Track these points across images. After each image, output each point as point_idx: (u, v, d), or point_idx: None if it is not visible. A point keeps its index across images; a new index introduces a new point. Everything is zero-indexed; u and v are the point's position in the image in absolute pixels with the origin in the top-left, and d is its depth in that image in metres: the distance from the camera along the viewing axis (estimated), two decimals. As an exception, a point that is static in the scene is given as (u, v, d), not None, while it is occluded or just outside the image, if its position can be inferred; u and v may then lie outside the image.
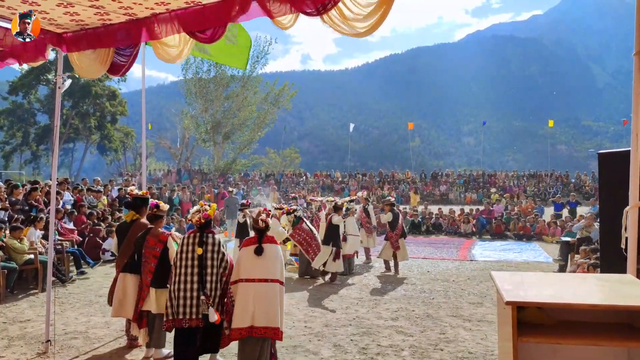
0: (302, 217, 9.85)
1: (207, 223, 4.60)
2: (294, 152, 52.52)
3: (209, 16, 4.29)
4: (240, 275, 4.48)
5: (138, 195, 5.51)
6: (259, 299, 4.37)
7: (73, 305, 7.30)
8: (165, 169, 33.61)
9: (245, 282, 4.45)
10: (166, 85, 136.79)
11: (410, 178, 32.53)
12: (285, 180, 32.89)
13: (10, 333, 5.86)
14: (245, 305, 4.36)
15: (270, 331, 4.36)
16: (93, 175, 36.85)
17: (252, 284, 4.42)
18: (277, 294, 4.43)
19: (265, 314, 4.35)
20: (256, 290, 4.40)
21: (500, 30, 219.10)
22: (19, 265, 7.89)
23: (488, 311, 7.14)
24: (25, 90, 36.51)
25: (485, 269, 10.67)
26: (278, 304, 4.42)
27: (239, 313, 4.37)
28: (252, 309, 4.35)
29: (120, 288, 5.26)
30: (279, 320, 4.40)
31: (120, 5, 4.29)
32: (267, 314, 4.35)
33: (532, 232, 16.18)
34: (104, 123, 39.13)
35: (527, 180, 30.85)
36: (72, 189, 13.62)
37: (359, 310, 7.14)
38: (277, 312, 4.40)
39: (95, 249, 11.09)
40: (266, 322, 4.35)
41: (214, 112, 33.18)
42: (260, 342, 4.41)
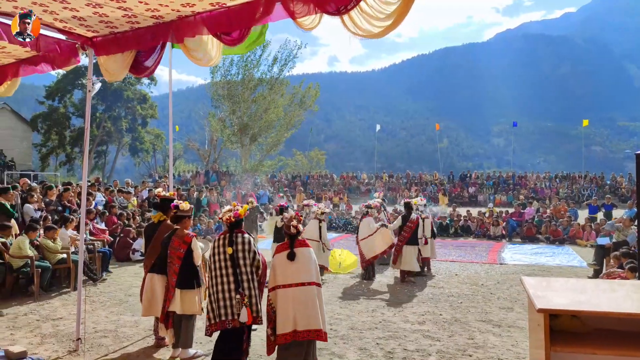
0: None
1: (237, 222, 4.62)
2: (320, 153, 52.51)
3: (234, 18, 4.32)
4: (277, 282, 4.54)
5: (165, 197, 5.58)
6: (297, 303, 4.42)
7: (104, 303, 7.45)
8: (194, 171, 34.08)
9: (282, 288, 4.50)
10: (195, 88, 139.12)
11: (438, 180, 32.09)
12: (312, 181, 32.93)
13: (43, 330, 6.02)
14: (286, 311, 4.42)
15: (314, 333, 4.41)
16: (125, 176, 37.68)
17: (290, 289, 4.46)
18: (315, 296, 4.47)
19: (306, 318, 4.40)
20: (294, 295, 4.44)
21: (530, 29, 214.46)
22: (53, 264, 8.10)
23: (519, 316, 6.94)
24: (61, 95, 37.74)
25: (516, 273, 10.39)
26: (318, 306, 4.46)
27: (281, 319, 4.43)
28: (293, 314, 4.40)
29: (148, 288, 5.34)
30: (321, 321, 4.44)
31: (147, 8, 4.35)
32: (308, 317, 4.40)
33: (565, 236, 15.68)
34: (135, 126, 40.08)
35: (560, 182, 29.99)
36: (104, 190, 13.97)
37: (385, 314, 7.05)
38: (318, 313, 4.44)
39: (125, 249, 11.32)
40: (308, 325, 4.39)
41: (241, 115, 33.50)
42: (304, 346, 4.47)
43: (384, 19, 3.40)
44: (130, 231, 11.64)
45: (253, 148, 35.21)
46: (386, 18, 3.39)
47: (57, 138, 38.06)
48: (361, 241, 9.65)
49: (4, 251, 7.67)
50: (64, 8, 4.45)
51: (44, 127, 37.66)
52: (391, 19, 3.36)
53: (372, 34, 3.52)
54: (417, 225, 9.58)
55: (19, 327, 6.14)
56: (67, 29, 5.06)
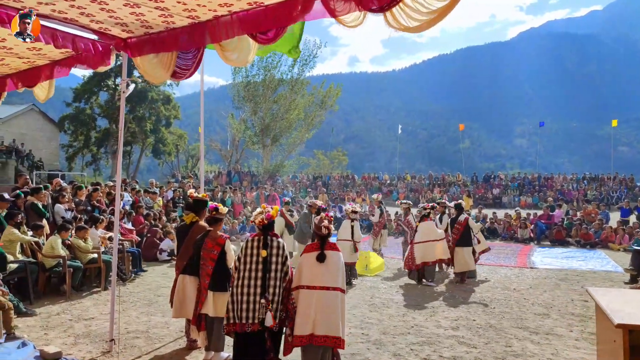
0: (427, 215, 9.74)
1: (270, 224, 4.55)
2: (341, 154, 52.34)
3: (271, 17, 4.23)
4: (302, 282, 4.41)
5: (198, 198, 5.54)
6: (320, 307, 4.28)
7: (134, 304, 7.47)
8: (216, 171, 34.31)
9: (306, 289, 4.37)
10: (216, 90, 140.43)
11: (461, 181, 31.64)
12: (333, 182, 32.81)
13: (76, 330, 6.05)
14: (307, 312, 4.29)
15: (331, 340, 4.25)
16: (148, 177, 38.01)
17: (314, 291, 4.33)
18: (338, 302, 4.32)
19: (326, 323, 4.25)
20: (318, 298, 4.30)
21: (555, 28, 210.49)
22: (84, 264, 8.18)
23: (556, 323, 6.71)
24: (87, 96, 38.45)
25: (548, 277, 10.11)
26: (340, 313, 4.30)
27: (301, 320, 4.30)
28: (313, 317, 4.26)
29: (180, 290, 5.30)
30: (341, 329, 4.28)
31: (185, 8, 4.31)
32: (328, 323, 4.26)
33: (597, 239, 15.24)
34: (159, 127, 40.55)
35: (588, 184, 29.24)
36: (130, 190, 14.11)
37: (416, 318, 6.90)
38: (339, 321, 4.29)
39: (152, 249, 11.40)
40: (327, 330, 4.25)
41: (262, 115, 33.61)
42: (320, 351, 4.31)
43: (429, 13, 3.28)
44: (157, 231, 11.72)
45: (274, 149, 35.31)
46: (431, 12, 3.27)
47: (83, 139, 38.79)
48: (416, 244, 9.37)
49: (37, 251, 7.77)
50: (101, 9, 4.44)
51: (70, 128, 38.44)
52: (436, 12, 3.24)
53: (413, 28, 3.40)
54: (465, 226, 9.57)
55: (52, 326, 6.19)
56: (103, 29, 5.07)
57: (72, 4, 4.30)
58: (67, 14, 4.62)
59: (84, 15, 4.64)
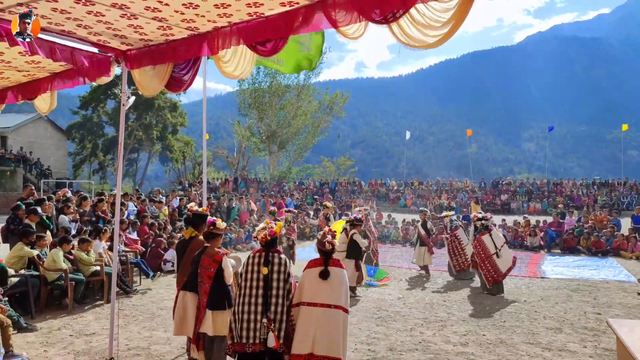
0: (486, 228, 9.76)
1: (272, 241, 4.41)
2: (347, 160, 52.16)
3: (271, 28, 4.13)
4: (303, 298, 4.25)
5: (198, 212, 5.41)
6: (321, 325, 4.11)
7: (136, 317, 7.36)
8: (223, 178, 34.29)
9: (307, 306, 4.20)
10: (223, 96, 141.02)
11: (469, 186, 31.33)
12: (340, 189, 32.61)
13: (76, 347, 5.93)
14: (306, 330, 4.13)
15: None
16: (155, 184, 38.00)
17: (315, 308, 4.17)
18: (340, 321, 4.15)
19: (326, 342, 4.08)
20: (318, 315, 4.14)
21: (562, 31, 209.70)
22: (86, 276, 8.08)
23: (569, 338, 6.50)
24: (94, 105, 38.73)
25: (560, 288, 9.88)
26: (341, 333, 4.14)
27: (299, 338, 4.14)
28: (313, 335, 4.10)
29: (180, 307, 5.16)
30: (342, 350, 4.11)
31: (183, 18, 4.21)
32: (328, 342, 4.09)
33: (608, 247, 14.94)
34: (165, 134, 40.70)
35: (598, 189, 28.81)
36: (136, 199, 14.04)
37: (424, 333, 6.72)
38: (340, 341, 4.12)
39: (157, 259, 11.29)
40: (327, 350, 4.08)
41: (269, 122, 33.58)
42: None
43: (439, 27, 3.13)
44: (161, 242, 11.61)
45: (281, 155, 35.26)
46: (441, 26, 3.12)
47: (90, 146, 39.05)
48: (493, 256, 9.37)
49: (39, 264, 7.68)
50: (98, 22, 4.36)
51: (77, 136, 38.71)
52: (447, 26, 3.08)
53: (426, 44, 3.24)
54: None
55: (52, 343, 6.08)
56: (102, 42, 4.99)
57: (69, 16, 4.22)
58: (64, 27, 4.54)
59: (81, 27, 4.56)
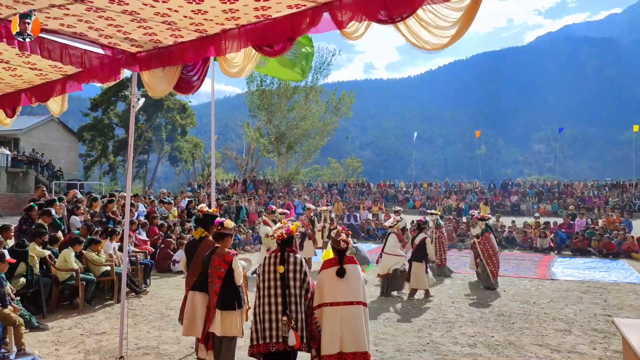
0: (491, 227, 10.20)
1: (289, 240, 4.49)
2: (356, 161, 52.12)
3: (278, 30, 4.16)
4: (324, 299, 4.35)
5: (208, 213, 5.45)
6: (345, 323, 4.24)
7: (146, 317, 7.42)
8: (232, 179, 34.43)
9: (329, 306, 4.32)
10: (232, 98, 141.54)
11: (478, 188, 31.18)
12: (348, 190, 32.61)
13: (86, 346, 6.00)
14: (333, 330, 4.24)
15: (360, 357, 4.22)
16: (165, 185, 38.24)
17: (338, 307, 4.29)
18: (362, 316, 4.30)
19: (353, 339, 4.22)
20: (342, 314, 4.27)
21: (573, 31, 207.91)
22: (97, 276, 8.17)
23: (578, 340, 6.46)
24: (105, 106, 39.08)
25: (570, 290, 9.80)
26: (364, 327, 4.27)
27: (327, 339, 4.24)
28: (340, 334, 4.23)
29: (189, 307, 5.19)
30: (367, 344, 4.26)
31: (192, 22, 4.26)
32: (355, 339, 4.22)
33: (619, 249, 14.79)
34: (175, 135, 40.99)
35: (609, 191, 28.53)
36: (145, 200, 14.16)
37: (432, 334, 6.71)
38: (364, 335, 4.26)
39: (166, 260, 11.37)
40: (355, 347, 4.21)
41: (277, 123, 33.67)
42: None
43: (448, 27, 3.14)
44: (171, 242, 11.70)
45: (289, 156, 35.32)
46: (450, 26, 3.12)
47: (101, 148, 39.40)
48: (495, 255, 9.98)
49: (51, 264, 7.78)
50: (109, 25, 4.42)
51: (88, 138, 39.08)
52: (456, 26, 3.09)
53: (438, 45, 3.24)
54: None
55: (63, 342, 6.15)
56: (112, 44, 5.05)
57: (80, 17, 4.28)
58: (76, 28, 4.60)
59: (92, 29, 4.62)
